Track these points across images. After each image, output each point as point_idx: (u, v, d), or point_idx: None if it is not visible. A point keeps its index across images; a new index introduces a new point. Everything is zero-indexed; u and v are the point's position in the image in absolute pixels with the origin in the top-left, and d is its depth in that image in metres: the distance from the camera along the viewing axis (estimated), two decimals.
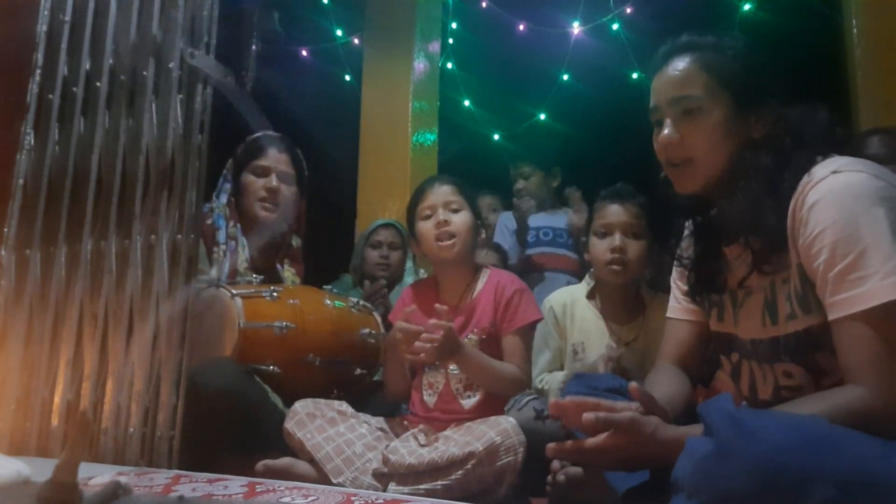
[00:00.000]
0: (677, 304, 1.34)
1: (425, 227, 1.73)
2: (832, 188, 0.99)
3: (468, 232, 1.72)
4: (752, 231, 1.09)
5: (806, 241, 1.01)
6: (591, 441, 1.00)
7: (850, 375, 0.95)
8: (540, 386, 1.89)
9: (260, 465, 1.47)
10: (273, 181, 1.94)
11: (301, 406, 1.56)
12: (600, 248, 1.83)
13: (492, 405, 1.63)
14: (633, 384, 1.02)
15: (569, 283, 2.64)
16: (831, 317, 0.98)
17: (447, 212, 1.72)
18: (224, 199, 1.93)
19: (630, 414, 0.97)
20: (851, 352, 0.95)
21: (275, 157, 1.97)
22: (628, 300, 1.89)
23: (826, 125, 1.10)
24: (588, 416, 0.97)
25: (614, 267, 1.80)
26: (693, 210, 1.25)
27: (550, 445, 1.04)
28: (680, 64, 1.15)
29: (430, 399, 1.69)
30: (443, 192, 1.74)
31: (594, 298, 1.93)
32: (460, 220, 1.72)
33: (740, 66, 1.13)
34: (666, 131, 1.15)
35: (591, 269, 1.98)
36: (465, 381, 1.67)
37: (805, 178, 1.03)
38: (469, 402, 1.66)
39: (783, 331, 1.08)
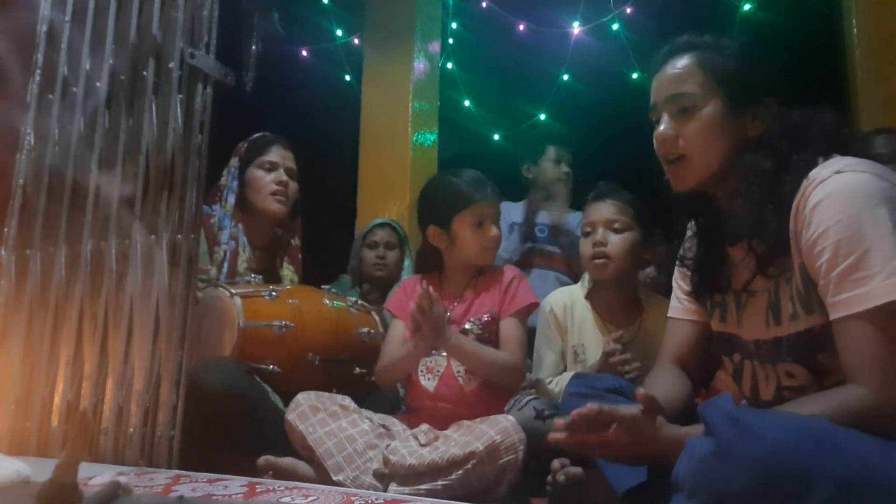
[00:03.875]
0: (679, 305, 1.34)
1: (473, 236, 1.74)
2: (835, 188, 0.99)
3: (500, 242, 1.81)
4: (756, 235, 1.09)
5: (809, 241, 1.00)
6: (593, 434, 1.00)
7: (851, 375, 0.95)
8: (556, 389, 1.88)
9: (262, 459, 1.47)
10: (282, 175, 1.98)
11: (304, 398, 1.56)
12: (585, 245, 1.87)
13: (491, 389, 1.66)
14: (640, 390, 1.02)
15: (557, 280, 2.66)
16: (833, 316, 0.97)
17: (490, 224, 1.75)
18: (233, 199, 1.94)
19: (635, 410, 0.98)
20: (853, 351, 0.95)
21: (281, 154, 2.01)
22: (625, 302, 1.89)
23: (827, 126, 1.10)
24: (592, 406, 0.98)
25: (597, 261, 1.83)
26: (696, 210, 1.26)
27: (552, 435, 1.04)
28: (678, 63, 1.16)
29: (429, 383, 1.70)
30: (494, 206, 1.77)
31: (591, 300, 1.93)
32: (498, 231, 1.78)
33: (736, 64, 1.14)
34: (661, 127, 1.16)
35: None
36: None
37: (807, 179, 1.03)
38: (470, 386, 1.67)
39: (786, 331, 1.08)
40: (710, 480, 0.82)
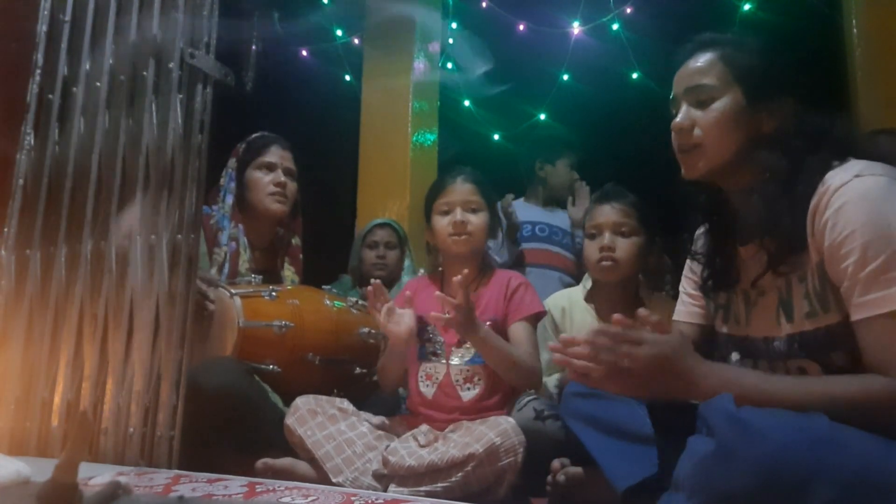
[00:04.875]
0: (683, 308, 1.35)
1: (441, 222, 1.75)
2: (859, 192, 1.00)
3: (482, 232, 1.76)
4: (769, 232, 1.11)
5: (834, 243, 1.01)
6: (627, 330, 1.02)
7: (875, 370, 0.96)
8: (551, 385, 1.88)
9: (260, 462, 1.47)
10: (281, 176, 1.98)
11: (302, 402, 1.56)
12: (591, 248, 1.85)
13: (489, 399, 1.65)
14: (617, 315, 1.05)
15: (560, 280, 2.66)
16: (859, 316, 0.98)
17: (465, 212, 1.73)
18: (230, 199, 1.94)
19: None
20: (880, 350, 0.96)
21: (279, 154, 2.01)
22: (626, 302, 1.89)
23: (841, 128, 1.12)
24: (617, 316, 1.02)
25: (604, 263, 1.81)
26: (708, 206, 1.27)
27: (594, 329, 1.05)
28: (700, 57, 1.20)
29: (427, 390, 1.69)
30: (464, 191, 1.75)
31: (592, 301, 1.93)
32: (477, 220, 1.74)
33: (755, 62, 1.16)
34: (678, 118, 1.19)
35: (587, 272, 1.98)
36: (466, 374, 1.68)
37: (825, 181, 1.05)
38: (468, 395, 1.67)
39: (800, 328, 1.09)
40: (711, 481, 0.82)
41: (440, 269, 1.86)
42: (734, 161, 1.15)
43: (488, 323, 1.70)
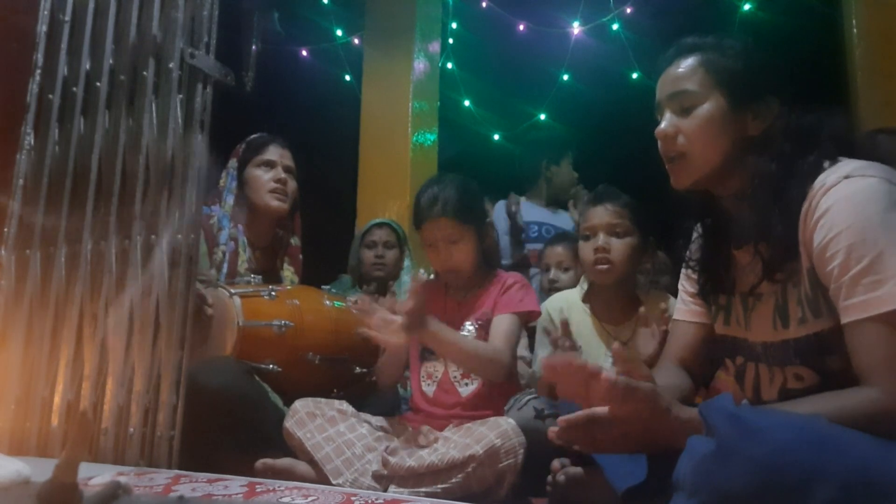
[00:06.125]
0: (683, 306, 1.34)
1: (430, 255, 1.73)
2: (845, 193, 0.99)
3: (469, 257, 1.72)
4: (762, 240, 1.09)
5: (820, 246, 1.00)
6: (604, 409, 0.97)
7: (864, 377, 0.95)
8: (538, 375, 1.88)
9: (259, 463, 1.47)
10: (281, 173, 1.99)
11: (301, 405, 1.56)
12: (586, 249, 1.85)
13: (489, 394, 1.65)
14: (616, 346, 1.00)
15: None
16: (846, 320, 0.97)
17: (447, 244, 1.69)
18: (231, 199, 1.95)
19: (651, 384, 0.96)
20: (866, 354, 0.95)
21: (279, 152, 2.02)
22: (622, 301, 1.89)
23: (832, 128, 1.10)
24: (607, 378, 0.94)
25: (599, 267, 1.81)
26: (702, 212, 1.26)
27: (562, 419, 1.00)
28: (681, 63, 1.17)
29: (429, 389, 1.70)
30: (440, 226, 1.68)
31: (589, 302, 1.93)
32: (460, 251, 1.70)
33: (738, 64, 1.14)
34: (662, 125, 1.17)
35: (583, 273, 1.99)
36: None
37: (815, 184, 1.03)
38: (467, 390, 1.67)
39: (794, 334, 1.08)
40: (711, 480, 0.82)
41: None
42: (722, 168, 1.14)
43: (479, 321, 1.70)
